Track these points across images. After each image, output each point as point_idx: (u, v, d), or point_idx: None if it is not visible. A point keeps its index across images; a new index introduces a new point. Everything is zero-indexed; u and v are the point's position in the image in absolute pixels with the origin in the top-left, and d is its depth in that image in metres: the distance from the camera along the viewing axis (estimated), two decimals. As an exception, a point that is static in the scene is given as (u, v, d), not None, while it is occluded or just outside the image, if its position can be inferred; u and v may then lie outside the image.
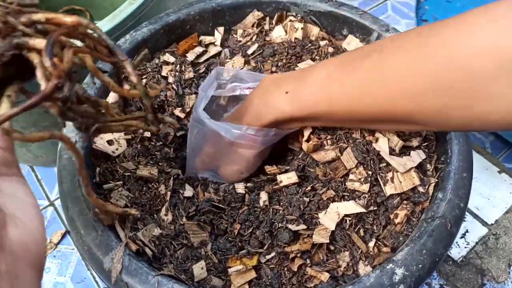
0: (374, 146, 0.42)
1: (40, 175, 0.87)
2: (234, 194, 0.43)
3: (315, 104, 0.39)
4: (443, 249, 0.38)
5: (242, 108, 0.46)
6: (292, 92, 0.40)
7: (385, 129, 0.43)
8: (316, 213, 0.40)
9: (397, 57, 0.34)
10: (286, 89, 0.41)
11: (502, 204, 0.78)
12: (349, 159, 0.42)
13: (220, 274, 0.39)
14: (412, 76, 0.32)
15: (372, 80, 0.35)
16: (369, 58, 0.36)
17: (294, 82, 0.41)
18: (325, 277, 0.38)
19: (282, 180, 0.43)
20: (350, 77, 0.37)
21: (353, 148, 0.43)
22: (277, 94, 0.41)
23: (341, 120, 0.41)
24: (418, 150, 0.43)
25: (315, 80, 0.39)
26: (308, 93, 0.39)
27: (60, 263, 0.75)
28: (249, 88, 0.50)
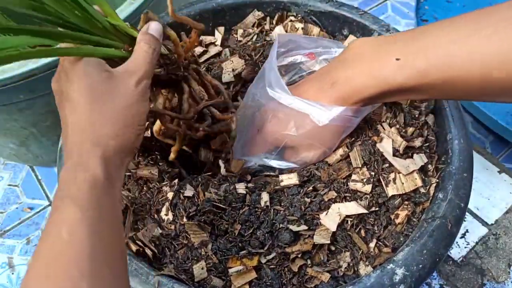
0: (378, 147, 0.42)
1: (40, 175, 0.87)
2: (235, 194, 0.43)
3: (436, 72, 0.33)
4: (444, 249, 0.38)
5: (317, 80, 0.40)
6: (405, 59, 0.34)
7: (494, 101, 0.37)
8: (317, 213, 0.40)
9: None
10: (396, 55, 0.35)
11: (502, 204, 0.78)
12: (357, 157, 0.42)
13: (220, 275, 0.39)
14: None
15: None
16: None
17: (405, 47, 0.35)
18: (326, 278, 0.38)
19: (282, 180, 0.43)
20: (483, 42, 0.31)
21: (361, 146, 0.43)
22: (384, 61, 0.35)
23: (456, 91, 0.34)
24: (420, 154, 0.43)
25: (435, 45, 0.33)
26: (427, 59, 0.33)
27: (60, 263, 0.75)
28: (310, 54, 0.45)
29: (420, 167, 0.42)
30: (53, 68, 0.58)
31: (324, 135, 0.41)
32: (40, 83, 0.60)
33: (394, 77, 0.35)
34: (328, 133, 0.41)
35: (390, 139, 0.42)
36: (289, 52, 0.47)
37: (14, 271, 0.75)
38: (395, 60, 0.35)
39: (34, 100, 0.63)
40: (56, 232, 0.27)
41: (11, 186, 0.86)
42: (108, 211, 0.29)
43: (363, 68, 0.37)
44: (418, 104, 0.47)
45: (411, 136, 0.45)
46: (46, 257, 0.26)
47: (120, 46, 0.35)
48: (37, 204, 0.83)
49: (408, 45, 0.35)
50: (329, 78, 0.39)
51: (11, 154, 0.78)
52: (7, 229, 0.80)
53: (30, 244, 0.78)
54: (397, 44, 0.36)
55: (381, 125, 0.44)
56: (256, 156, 0.45)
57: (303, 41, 0.46)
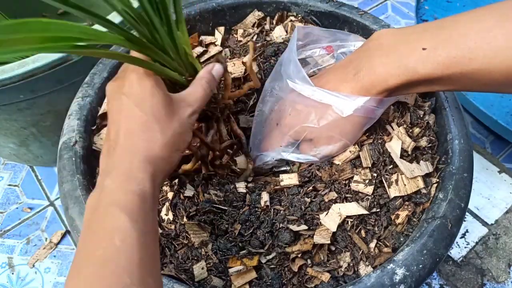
0: (386, 147, 0.42)
1: (40, 175, 0.87)
2: (235, 194, 0.43)
3: (463, 62, 0.33)
4: (444, 249, 0.38)
5: (339, 71, 0.39)
6: (433, 49, 0.34)
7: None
8: (317, 213, 0.40)
9: None
10: (422, 45, 0.34)
11: (502, 204, 0.78)
12: (367, 157, 0.42)
13: (220, 274, 0.39)
14: None
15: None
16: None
17: (432, 37, 0.35)
18: (326, 278, 0.38)
19: (283, 179, 0.43)
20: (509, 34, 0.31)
21: (371, 145, 0.43)
22: (410, 51, 0.35)
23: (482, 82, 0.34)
24: (427, 162, 0.43)
25: (463, 35, 0.33)
26: (455, 49, 0.33)
27: (60, 263, 0.75)
28: (328, 47, 0.44)
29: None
30: (53, 68, 0.58)
31: (346, 127, 0.40)
32: (40, 83, 0.60)
33: (421, 66, 0.34)
34: (350, 125, 0.40)
35: (399, 141, 0.42)
36: (307, 46, 0.46)
37: (14, 271, 0.75)
38: (422, 49, 0.34)
39: (34, 100, 0.63)
40: (109, 238, 0.28)
41: (11, 186, 0.86)
42: (152, 225, 0.31)
43: (388, 57, 0.36)
44: (422, 104, 0.47)
45: (417, 136, 0.45)
46: (98, 260, 0.27)
47: (183, 73, 0.37)
48: (37, 204, 0.83)
49: (434, 35, 0.34)
50: (351, 68, 0.38)
51: (11, 154, 0.78)
52: (7, 229, 0.80)
53: (30, 244, 0.78)
54: (423, 34, 0.35)
55: (389, 124, 0.44)
56: (274, 150, 0.44)
57: (321, 34, 0.45)
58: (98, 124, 0.48)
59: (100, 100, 0.49)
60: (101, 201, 0.30)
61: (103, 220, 0.29)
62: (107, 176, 0.31)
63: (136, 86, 0.33)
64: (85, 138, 0.46)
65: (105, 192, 0.30)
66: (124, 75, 0.35)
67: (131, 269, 0.27)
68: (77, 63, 0.60)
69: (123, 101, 0.34)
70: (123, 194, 0.30)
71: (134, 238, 0.28)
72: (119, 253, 0.27)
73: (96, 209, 0.30)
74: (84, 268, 0.27)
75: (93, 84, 0.50)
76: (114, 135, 0.33)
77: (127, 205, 0.29)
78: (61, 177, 0.43)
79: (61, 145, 0.45)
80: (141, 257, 0.28)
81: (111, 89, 0.35)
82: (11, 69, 0.57)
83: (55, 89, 0.62)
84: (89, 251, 0.28)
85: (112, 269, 0.27)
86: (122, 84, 0.34)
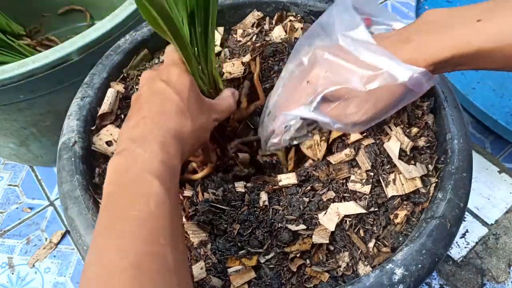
0: (384, 147, 0.42)
1: (40, 175, 0.87)
2: (234, 193, 0.43)
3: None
4: (443, 249, 0.38)
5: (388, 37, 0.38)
6: (488, 20, 0.34)
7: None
8: (315, 213, 0.40)
9: None
10: (477, 17, 0.34)
11: (502, 204, 0.78)
12: (364, 161, 0.42)
13: (219, 274, 0.39)
14: None
15: None
16: None
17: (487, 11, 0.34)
18: (325, 277, 0.38)
19: (281, 180, 0.43)
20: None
21: (366, 148, 0.43)
22: (464, 23, 0.35)
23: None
24: (422, 164, 0.43)
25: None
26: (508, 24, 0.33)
27: (60, 263, 0.75)
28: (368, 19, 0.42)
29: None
30: (53, 69, 0.59)
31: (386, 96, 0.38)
32: (40, 83, 0.60)
33: (474, 38, 0.34)
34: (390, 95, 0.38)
35: (398, 142, 0.42)
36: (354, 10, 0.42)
37: (14, 271, 0.75)
38: (476, 21, 0.34)
39: (34, 100, 0.63)
40: (143, 201, 0.29)
41: (11, 186, 0.86)
42: (178, 199, 0.33)
43: (440, 30, 0.35)
44: (421, 104, 0.47)
45: (415, 136, 0.45)
46: (134, 220, 0.29)
47: (207, 84, 0.44)
48: (37, 204, 0.83)
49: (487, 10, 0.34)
50: (400, 38, 0.37)
51: (11, 154, 0.78)
52: (7, 229, 0.80)
53: (30, 244, 0.78)
54: (475, 9, 0.35)
55: (387, 125, 0.44)
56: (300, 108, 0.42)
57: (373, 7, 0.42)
58: (97, 124, 0.48)
59: (100, 100, 0.49)
60: (132, 166, 0.31)
61: (137, 184, 0.30)
62: (138, 145, 0.33)
63: (176, 78, 0.38)
64: (85, 138, 0.46)
65: (136, 159, 0.32)
66: (165, 67, 0.39)
67: (165, 232, 0.29)
68: (77, 63, 0.60)
69: (161, 85, 0.37)
70: (158, 164, 0.31)
71: (168, 205, 0.30)
72: (154, 216, 0.29)
73: (126, 173, 0.31)
74: (118, 225, 0.29)
75: (92, 84, 0.50)
76: (146, 112, 0.35)
77: (161, 174, 0.31)
78: (61, 178, 0.43)
79: (61, 145, 0.45)
80: (172, 222, 0.30)
81: (148, 75, 0.39)
82: (11, 69, 0.57)
83: (55, 89, 0.62)
84: (123, 210, 0.29)
85: (148, 229, 0.28)
86: (162, 74, 0.38)
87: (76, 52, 0.59)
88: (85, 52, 0.60)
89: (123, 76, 0.53)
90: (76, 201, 0.41)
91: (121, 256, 0.27)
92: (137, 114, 0.35)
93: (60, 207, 0.82)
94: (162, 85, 0.37)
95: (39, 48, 0.82)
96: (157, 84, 0.37)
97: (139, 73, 0.53)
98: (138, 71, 0.54)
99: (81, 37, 0.59)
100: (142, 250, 0.27)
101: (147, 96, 0.37)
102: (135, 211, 0.29)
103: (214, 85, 0.45)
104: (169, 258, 0.28)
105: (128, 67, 0.54)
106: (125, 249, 0.27)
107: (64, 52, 0.58)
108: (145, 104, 0.36)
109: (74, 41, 0.59)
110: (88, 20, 0.95)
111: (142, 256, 0.27)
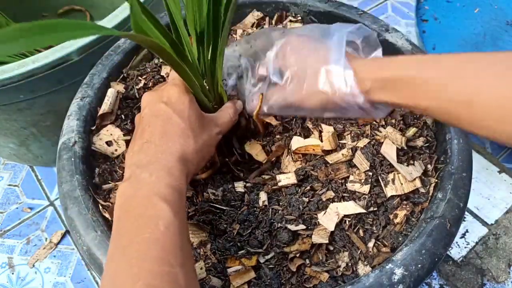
0: (382, 153, 0.42)
1: (40, 175, 0.87)
2: (234, 193, 0.43)
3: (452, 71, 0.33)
4: (443, 249, 0.37)
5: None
6: (410, 57, 0.37)
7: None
8: (315, 213, 0.40)
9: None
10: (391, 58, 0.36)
11: (502, 204, 0.78)
12: (362, 161, 0.42)
13: (219, 274, 0.39)
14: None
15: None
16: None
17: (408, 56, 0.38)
18: (325, 277, 0.38)
19: (280, 180, 0.43)
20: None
21: (362, 149, 0.43)
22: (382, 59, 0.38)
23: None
24: (419, 161, 0.43)
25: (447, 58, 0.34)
26: (438, 61, 0.34)
27: (60, 263, 0.75)
28: None
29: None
30: (53, 69, 0.59)
31: (308, 96, 0.39)
32: (40, 83, 0.60)
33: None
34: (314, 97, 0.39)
35: (394, 145, 0.42)
36: None
37: (14, 271, 0.75)
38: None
39: (34, 100, 0.63)
40: (153, 223, 0.30)
41: (11, 186, 0.86)
42: (185, 218, 0.34)
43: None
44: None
45: (414, 136, 0.45)
46: (145, 242, 0.29)
47: (211, 100, 0.44)
48: (37, 204, 0.83)
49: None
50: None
51: (11, 154, 0.78)
52: (7, 229, 0.80)
53: (30, 244, 0.78)
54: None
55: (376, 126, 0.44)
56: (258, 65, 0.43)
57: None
58: (97, 124, 0.48)
59: (100, 100, 0.49)
60: (139, 190, 0.32)
61: (145, 208, 0.31)
62: (143, 170, 0.34)
63: (176, 98, 0.38)
64: (84, 138, 0.46)
65: (142, 183, 0.33)
66: (165, 88, 0.39)
67: (175, 252, 0.30)
68: (77, 63, 0.60)
69: (162, 107, 0.38)
70: (164, 187, 0.32)
71: (176, 226, 0.31)
72: (164, 237, 0.30)
73: (133, 198, 0.32)
74: (129, 248, 0.29)
75: (92, 84, 0.50)
76: (149, 136, 0.36)
77: (168, 197, 0.32)
78: (60, 178, 0.43)
79: (61, 145, 0.45)
80: (182, 243, 0.31)
81: (149, 97, 0.39)
82: (11, 69, 0.57)
83: (55, 89, 0.62)
84: (134, 233, 0.30)
85: (158, 250, 0.29)
86: (162, 95, 0.39)
87: (76, 52, 0.59)
88: (85, 52, 0.60)
89: (123, 76, 0.53)
90: (76, 201, 0.41)
91: (133, 280, 0.28)
92: (141, 138, 0.36)
93: (60, 207, 0.82)
94: (163, 106, 0.38)
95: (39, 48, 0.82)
96: (158, 106, 0.38)
97: (139, 73, 0.54)
98: (138, 71, 0.54)
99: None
100: (153, 271, 0.28)
101: (149, 118, 0.38)
102: (145, 233, 0.30)
103: (220, 101, 0.45)
104: (180, 277, 0.29)
105: (128, 67, 0.54)
106: (137, 272, 0.28)
107: (64, 52, 0.58)
108: (147, 127, 0.37)
109: (74, 41, 0.59)
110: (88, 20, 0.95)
111: (154, 277, 0.28)
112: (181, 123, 0.37)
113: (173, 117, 0.37)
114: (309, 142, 0.45)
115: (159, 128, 0.36)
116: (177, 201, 0.33)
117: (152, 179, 0.33)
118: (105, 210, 0.41)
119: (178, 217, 0.31)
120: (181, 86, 0.39)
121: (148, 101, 0.39)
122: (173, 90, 0.39)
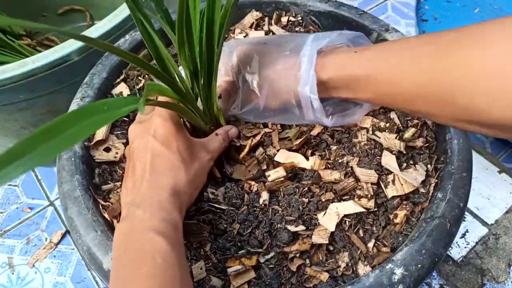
0: (383, 165, 0.42)
1: (40, 175, 0.87)
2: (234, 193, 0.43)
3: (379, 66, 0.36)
4: (443, 249, 0.38)
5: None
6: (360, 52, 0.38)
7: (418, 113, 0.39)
8: (315, 213, 0.40)
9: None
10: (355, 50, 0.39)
11: (502, 204, 0.78)
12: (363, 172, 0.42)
13: (219, 274, 0.39)
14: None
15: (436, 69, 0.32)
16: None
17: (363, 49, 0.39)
18: (325, 277, 0.38)
19: (270, 175, 0.42)
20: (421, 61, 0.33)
21: (360, 163, 0.43)
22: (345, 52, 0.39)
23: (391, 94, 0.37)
24: (420, 163, 0.43)
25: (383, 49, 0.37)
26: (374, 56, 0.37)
27: (60, 263, 0.75)
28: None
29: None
30: (53, 68, 0.59)
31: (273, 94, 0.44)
32: (40, 83, 0.60)
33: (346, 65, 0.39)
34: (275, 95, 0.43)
35: (393, 156, 0.42)
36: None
37: (14, 271, 0.75)
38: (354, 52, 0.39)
39: (34, 100, 0.63)
40: (151, 257, 0.31)
41: (11, 186, 0.86)
42: (182, 250, 0.34)
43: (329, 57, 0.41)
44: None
45: (412, 137, 0.45)
46: (145, 276, 0.30)
47: (208, 123, 0.44)
48: (37, 204, 0.83)
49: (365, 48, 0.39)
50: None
51: (11, 154, 0.78)
52: (7, 229, 0.80)
53: (30, 244, 0.78)
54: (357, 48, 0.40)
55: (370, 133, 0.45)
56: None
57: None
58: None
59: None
60: (135, 227, 0.33)
61: (141, 243, 0.32)
62: (137, 207, 0.34)
63: (162, 129, 0.38)
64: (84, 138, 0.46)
65: (137, 220, 0.33)
66: (150, 119, 0.39)
67: (174, 284, 0.31)
68: (77, 63, 0.60)
69: (150, 141, 0.37)
70: (158, 222, 0.33)
71: (174, 258, 0.32)
72: (163, 270, 0.31)
73: (130, 235, 0.33)
74: (130, 282, 0.30)
75: (92, 84, 0.50)
76: (140, 171, 0.36)
77: (163, 231, 0.33)
78: (60, 177, 0.43)
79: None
80: (181, 274, 0.32)
81: (136, 130, 0.39)
82: (11, 69, 0.57)
83: (55, 89, 0.62)
84: (133, 269, 0.31)
85: (159, 282, 0.30)
86: (148, 127, 0.38)
87: (76, 52, 0.59)
88: (85, 52, 0.60)
89: (123, 76, 0.53)
90: (76, 201, 0.41)
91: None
92: (133, 175, 0.37)
93: (60, 207, 0.82)
94: (150, 139, 0.37)
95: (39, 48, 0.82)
96: (146, 139, 0.38)
97: (139, 73, 0.53)
98: (138, 71, 0.54)
99: (81, 37, 0.59)
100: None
101: (138, 153, 0.38)
102: (145, 267, 0.30)
103: (216, 122, 0.46)
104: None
105: (128, 67, 0.54)
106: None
107: (64, 52, 0.58)
108: (137, 162, 0.37)
109: (74, 41, 0.59)
110: (88, 20, 0.95)
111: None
112: (170, 155, 0.37)
113: (162, 150, 0.37)
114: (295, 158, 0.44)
115: (149, 163, 0.37)
116: (171, 233, 0.33)
117: (146, 216, 0.33)
118: (105, 210, 0.41)
119: (174, 247, 0.32)
120: (166, 116, 0.38)
121: (135, 134, 0.39)
122: (158, 120, 0.38)
